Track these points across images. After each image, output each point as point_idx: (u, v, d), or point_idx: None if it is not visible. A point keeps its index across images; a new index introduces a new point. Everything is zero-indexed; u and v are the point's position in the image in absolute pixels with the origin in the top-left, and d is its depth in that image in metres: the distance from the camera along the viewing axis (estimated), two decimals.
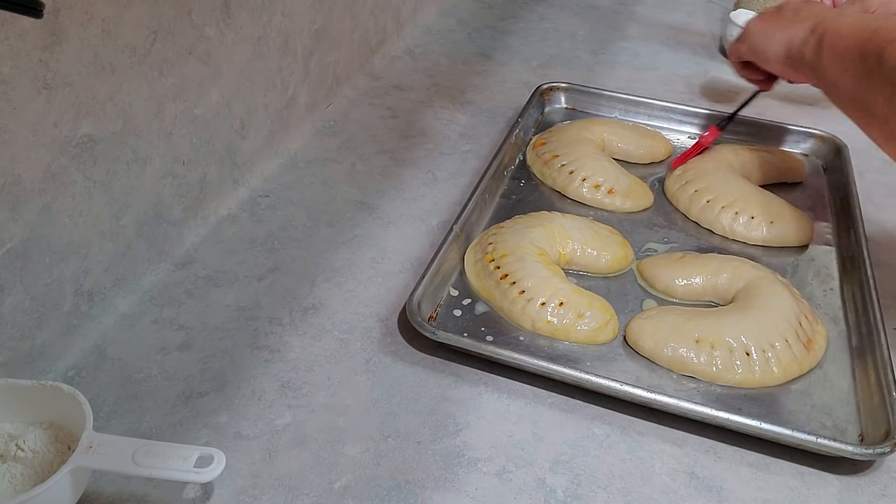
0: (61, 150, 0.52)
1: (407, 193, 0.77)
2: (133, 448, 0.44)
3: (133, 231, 0.61)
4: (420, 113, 0.92)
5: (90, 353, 0.57)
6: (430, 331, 0.57)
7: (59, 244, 0.54)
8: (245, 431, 0.53)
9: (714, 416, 0.52)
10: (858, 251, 0.68)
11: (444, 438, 0.53)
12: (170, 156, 0.64)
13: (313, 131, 0.86)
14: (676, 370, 0.58)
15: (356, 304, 0.64)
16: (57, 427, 0.48)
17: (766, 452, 0.53)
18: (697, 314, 0.60)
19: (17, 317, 0.52)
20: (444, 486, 0.50)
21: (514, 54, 1.08)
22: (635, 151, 0.83)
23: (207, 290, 0.64)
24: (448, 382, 0.57)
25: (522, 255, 0.63)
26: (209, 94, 0.67)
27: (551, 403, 0.56)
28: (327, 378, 0.57)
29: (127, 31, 0.55)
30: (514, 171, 0.80)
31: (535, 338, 0.60)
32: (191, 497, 0.48)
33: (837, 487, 0.51)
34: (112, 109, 0.56)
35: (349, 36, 0.91)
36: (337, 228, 0.72)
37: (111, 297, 0.60)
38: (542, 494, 0.49)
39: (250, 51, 0.71)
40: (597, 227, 0.70)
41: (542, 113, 0.91)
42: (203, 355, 0.58)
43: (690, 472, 0.52)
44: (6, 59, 0.46)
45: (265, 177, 0.78)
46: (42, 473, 0.45)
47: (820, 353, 0.60)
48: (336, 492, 0.49)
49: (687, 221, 0.75)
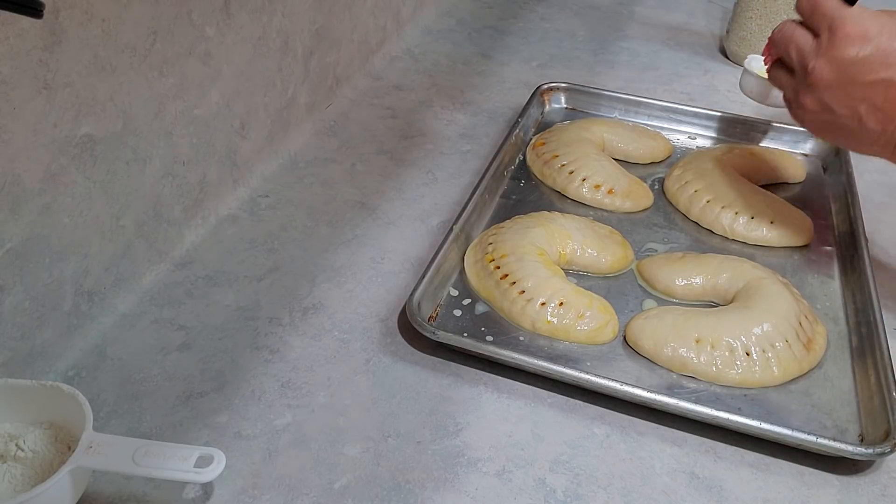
0: (61, 150, 0.52)
1: (407, 193, 0.77)
2: (133, 448, 0.44)
3: (133, 231, 0.61)
4: (420, 113, 0.92)
5: (90, 353, 0.57)
6: (430, 331, 0.57)
7: (59, 244, 0.54)
8: (245, 431, 0.53)
9: (714, 416, 0.52)
10: (858, 251, 0.68)
11: (444, 438, 0.53)
12: (170, 156, 0.64)
13: (313, 131, 0.86)
14: (676, 370, 0.58)
15: (356, 304, 0.64)
16: (57, 427, 0.48)
17: (766, 452, 0.53)
18: (697, 314, 0.60)
19: (17, 317, 0.52)
20: (444, 486, 0.50)
21: (514, 54, 1.08)
22: (635, 151, 0.83)
23: (207, 290, 0.64)
24: (448, 382, 0.57)
25: (522, 255, 0.63)
26: (209, 94, 0.67)
27: (551, 403, 0.56)
28: (327, 378, 0.57)
29: (127, 31, 0.55)
30: (514, 171, 0.80)
31: (535, 338, 0.60)
32: (191, 497, 0.48)
33: (837, 487, 0.51)
34: (112, 109, 0.56)
35: (349, 36, 0.91)
36: (337, 228, 0.72)
37: (111, 297, 0.60)
38: (542, 494, 0.49)
39: (250, 51, 0.71)
40: (597, 227, 0.70)
41: (542, 113, 0.91)
42: (203, 355, 0.58)
43: (690, 472, 0.52)
44: (6, 59, 0.46)
45: (265, 177, 0.78)
46: (42, 473, 0.45)
47: (820, 353, 0.60)
48: (336, 492, 0.49)
49: (687, 221, 0.75)
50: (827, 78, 0.56)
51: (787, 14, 1.00)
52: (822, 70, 0.56)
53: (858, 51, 0.54)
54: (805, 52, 0.57)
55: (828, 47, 0.56)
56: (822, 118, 0.58)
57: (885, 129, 0.55)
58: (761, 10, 1.01)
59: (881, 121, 0.55)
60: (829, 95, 0.56)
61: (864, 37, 0.54)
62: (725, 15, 1.17)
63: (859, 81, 0.54)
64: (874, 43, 0.54)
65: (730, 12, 1.08)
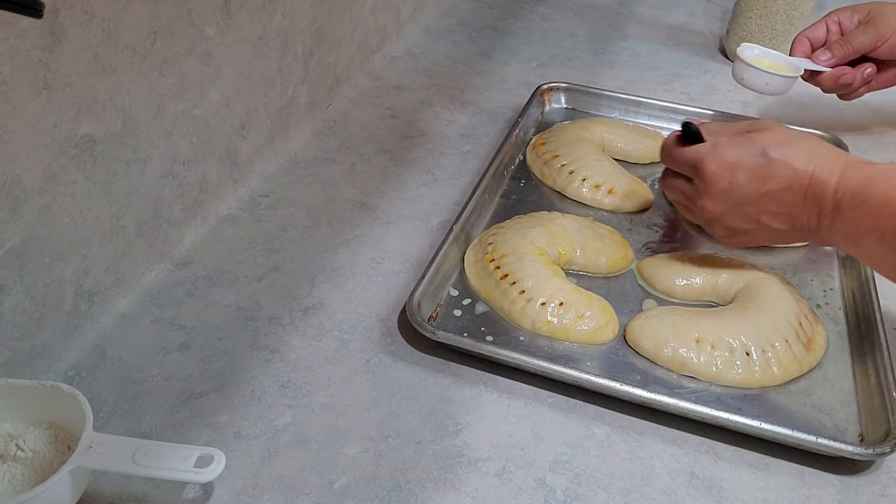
0: (61, 150, 0.52)
1: (407, 193, 0.77)
2: (133, 448, 0.44)
3: (133, 231, 0.61)
4: (420, 113, 0.92)
5: (90, 353, 0.57)
6: (430, 331, 0.57)
7: (59, 244, 0.54)
8: (245, 431, 0.53)
9: (714, 416, 0.52)
10: None
11: (444, 438, 0.53)
12: (170, 156, 0.64)
13: (313, 131, 0.86)
14: (676, 370, 0.58)
15: (356, 304, 0.64)
16: (57, 427, 0.48)
17: (766, 452, 0.53)
18: (697, 314, 0.60)
19: (17, 317, 0.52)
20: (444, 486, 0.50)
21: (514, 54, 1.08)
22: (635, 151, 0.83)
23: (207, 290, 0.64)
24: (448, 382, 0.57)
25: (522, 255, 0.63)
26: (209, 94, 0.67)
27: (551, 403, 0.56)
28: (327, 378, 0.57)
29: (127, 31, 0.55)
30: (514, 171, 0.80)
31: (535, 338, 0.60)
32: (191, 497, 0.48)
33: (837, 487, 0.51)
34: (112, 109, 0.56)
35: (349, 36, 0.91)
36: (337, 228, 0.72)
37: (111, 297, 0.60)
38: (542, 494, 0.49)
39: (250, 51, 0.71)
40: (597, 227, 0.70)
41: (542, 113, 0.91)
42: (203, 355, 0.58)
43: (690, 472, 0.52)
44: (6, 59, 0.46)
45: (265, 177, 0.78)
46: (42, 473, 0.45)
47: (820, 353, 0.60)
48: (336, 492, 0.49)
49: (687, 221, 0.74)
50: (718, 209, 0.60)
51: (787, 14, 1.00)
52: (710, 206, 0.60)
53: (730, 181, 0.58)
54: (690, 197, 0.62)
55: (704, 188, 0.60)
56: (736, 238, 0.61)
57: (794, 226, 0.57)
58: (761, 10, 1.01)
59: (786, 221, 0.57)
60: (728, 220, 0.60)
61: (727, 167, 0.58)
62: (725, 15, 1.17)
63: (746, 202, 0.58)
64: (739, 167, 0.57)
65: (730, 12, 1.08)
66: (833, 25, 0.82)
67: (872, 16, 0.79)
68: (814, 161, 0.55)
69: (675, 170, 0.63)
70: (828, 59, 0.80)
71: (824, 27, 0.82)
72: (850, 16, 0.81)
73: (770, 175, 0.56)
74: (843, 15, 0.81)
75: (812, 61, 0.81)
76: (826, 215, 0.54)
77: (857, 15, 0.80)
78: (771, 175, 0.56)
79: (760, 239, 0.60)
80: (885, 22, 0.78)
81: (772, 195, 0.56)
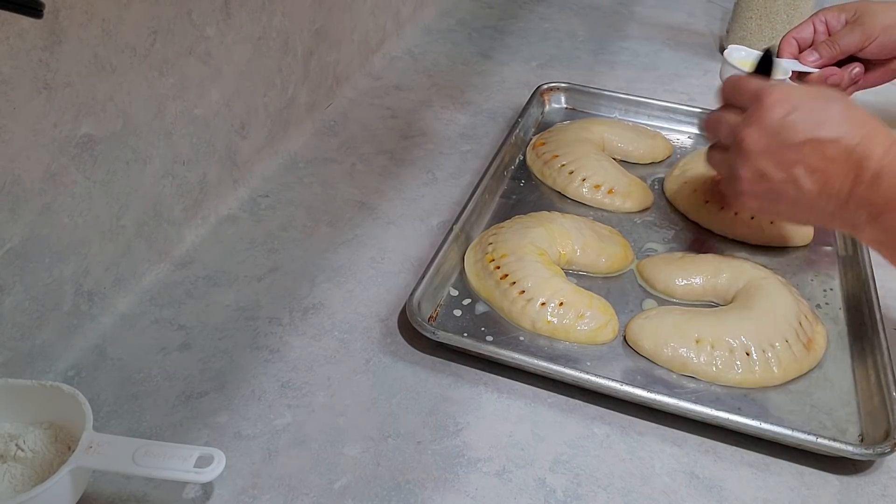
0: (61, 150, 0.52)
1: (407, 193, 0.77)
2: (133, 448, 0.44)
3: (133, 231, 0.61)
4: (420, 113, 0.92)
5: (90, 353, 0.57)
6: (430, 331, 0.57)
7: (59, 244, 0.54)
8: (245, 431, 0.53)
9: (714, 416, 0.52)
10: (858, 251, 0.68)
11: (444, 438, 0.53)
12: (170, 156, 0.64)
13: (313, 131, 0.86)
14: (676, 370, 0.58)
15: (356, 304, 0.64)
16: (57, 427, 0.48)
17: (766, 452, 0.53)
18: (697, 314, 0.60)
19: (17, 317, 0.52)
20: (444, 486, 0.50)
21: (514, 54, 1.08)
22: (635, 151, 0.83)
23: (207, 290, 0.64)
24: (448, 382, 0.57)
25: (522, 255, 0.63)
26: (209, 94, 0.67)
27: (551, 403, 0.56)
28: (327, 378, 0.57)
29: (127, 31, 0.55)
30: (514, 171, 0.80)
31: (535, 338, 0.60)
32: (191, 497, 0.48)
33: (837, 487, 0.51)
34: (112, 109, 0.56)
35: (349, 36, 0.91)
36: (337, 228, 0.72)
37: (111, 297, 0.60)
38: (542, 494, 0.49)
39: (250, 51, 0.71)
40: (597, 227, 0.70)
41: (542, 113, 0.91)
42: (203, 355, 0.58)
43: (690, 472, 0.52)
44: (6, 59, 0.46)
45: (265, 177, 0.78)
46: (42, 473, 0.45)
47: (820, 353, 0.60)
48: (336, 492, 0.49)
49: (687, 221, 0.74)
50: (758, 144, 0.56)
51: (787, 14, 1.00)
52: (752, 137, 0.56)
53: (785, 114, 0.55)
54: (734, 126, 0.58)
55: (756, 116, 0.56)
56: (760, 187, 0.57)
57: (823, 189, 0.54)
58: (761, 10, 1.01)
59: (818, 181, 0.54)
60: (763, 161, 0.56)
61: (789, 102, 0.55)
62: (725, 15, 1.17)
63: (790, 143, 0.54)
64: (799, 106, 0.55)
65: (730, 12, 1.08)
66: (820, 25, 0.81)
67: (860, 15, 0.79)
68: (868, 126, 0.53)
69: (733, 98, 0.60)
70: (815, 60, 0.80)
71: (811, 27, 0.81)
72: (838, 15, 0.81)
73: (825, 122, 0.54)
74: (829, 14, 0.81)
75: (799, 62, 0.81)
76: (862, 182, 0.52)
77: (845, 14, 0.80)
78: (826, 122, 0.54)
79: (781, 198, 0.57)
80: (873, 21, 0.78)
81: (817, 144, 0.54)
